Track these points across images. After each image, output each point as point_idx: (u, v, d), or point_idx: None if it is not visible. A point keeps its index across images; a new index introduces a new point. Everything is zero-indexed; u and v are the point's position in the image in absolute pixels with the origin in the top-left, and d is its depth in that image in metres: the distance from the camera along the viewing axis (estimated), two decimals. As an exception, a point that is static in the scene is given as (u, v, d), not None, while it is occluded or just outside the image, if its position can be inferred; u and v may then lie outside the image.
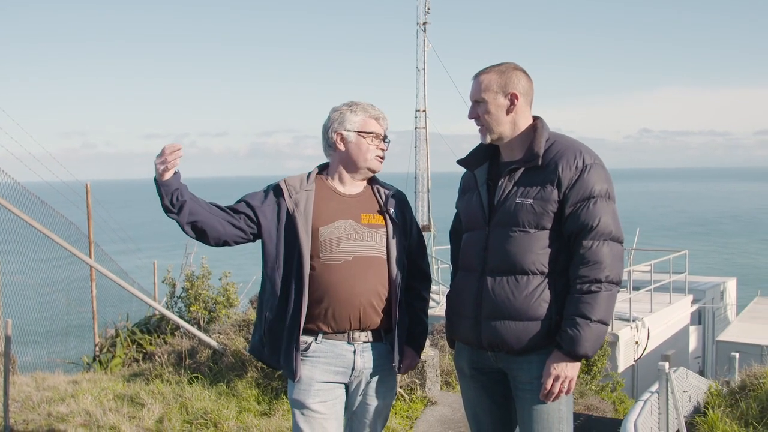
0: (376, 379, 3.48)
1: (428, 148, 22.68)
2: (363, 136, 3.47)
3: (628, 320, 15.48)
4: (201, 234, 3.28)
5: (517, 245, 3.13)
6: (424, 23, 22.08)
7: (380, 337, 3.47)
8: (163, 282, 10.12)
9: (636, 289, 16.84)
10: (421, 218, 22.94)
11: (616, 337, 14.61)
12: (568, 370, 3.05)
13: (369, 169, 3.52)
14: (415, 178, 22.72)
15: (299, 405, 3.39)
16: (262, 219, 3.37)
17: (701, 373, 16.89)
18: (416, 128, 22.81)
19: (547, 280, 3.11)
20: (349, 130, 3.48)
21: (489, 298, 3.17)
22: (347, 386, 3.49)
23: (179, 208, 3.18)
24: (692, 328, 19.54)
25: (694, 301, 19.65)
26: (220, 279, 9.49)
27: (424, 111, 22.55)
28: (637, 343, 15.65)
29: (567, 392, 3.10)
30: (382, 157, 3.54)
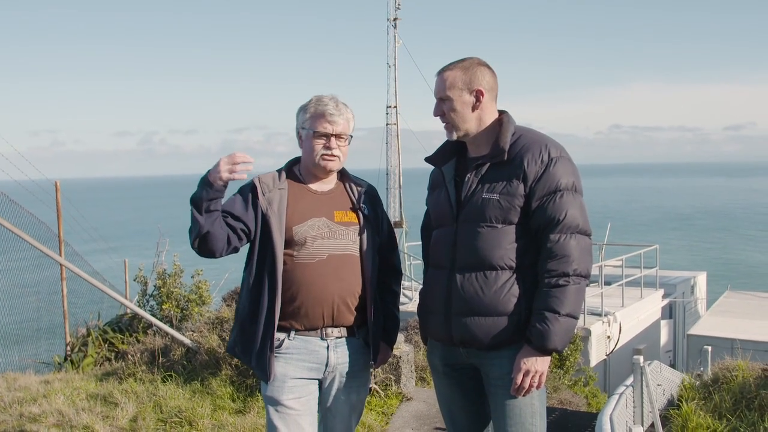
0: (350, 374, 3.48)
1: (399, 144, 22.72)
2: (311, 135, 3.41)
3: (599, 315, 15.59)
4: (202, 244, 3.21)
5: (484, 241, 3.13)
6: (395, 19, 22.13)
7: (353, 332, 3.48)
8: (134, 280, 10.03)
9: (607, 283, 16.97)
10: (392, 214, 22.97)
11: (588, 332, 14.70)
12: (538, 365, 3.06)
13: (321, 168, 3.45)
14: (387, 174, 22.78)
15: (273, 402, 3.38)
16: (250, 226, 3.34)
17: (672, 366, 17.04)
18: (387, 124, 22.87)
19: (515, 275, 3.12)
20: (303, 128, 3.45)
21: (458, 294, 3.17)
22: (321, 382, 3.49)
23: (209, 215, 3.14)
24: (663, 322, 19.71)
25: (664, 296, 19.83)
26: (192, 277, 9.44)
27: (395, 107, 22.59)
28: (608, 337, 15.75)
29: (538, 387, 3.11)
30: (332, 156, 3.42)
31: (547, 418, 3.28)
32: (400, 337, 7.19)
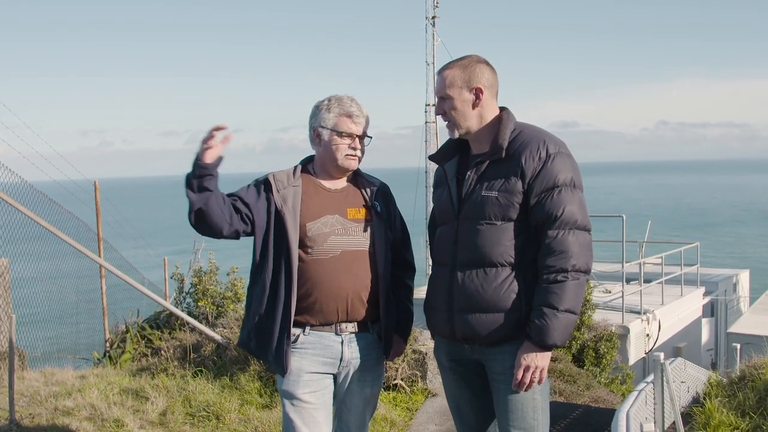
0: (363, 368, 3.56)
1: (438, 142, 22.71)
2: (335, 135, 3.47)
3: (638, 313, 15.41)
4: (198, 220, 3.25)
5: (484, 238, 3.17)
6: (433, 17, 22.16)
7: (367, 327, 3.55)
8: (171, 278, 10.20)
9: (647, 281, 16.78)
10: (430, 212, 22.95)
11: (627, 330, 14.53)
12: (538, 360, 3.09)
13: (342, 168, 3.53)
14: (426, 172, 22.80)
15: (289, 396, 3.46)
16: (256, 217, 3.41)
17: (714, 365, 16.82)
18: (426, 122, 22.92)
19: (515, 271, 3.15)
20: (323, 127, 3.50)
21: (460, 291, 3.22)
22: (335, 376, 3.57)
23: (201, 193, 3.18)
24: (704, 321, 19.40)
25: (706, 294, 19.53)
26: (227, 274, 9.57)
27: (434, 105, 22.59)
28: (647, 335, 15.57)
29: (539, 382, 3.15)
30: (356, 156, 3.52)
31: (571, 415, 3.31)
32: (426, 333, 7.24)
